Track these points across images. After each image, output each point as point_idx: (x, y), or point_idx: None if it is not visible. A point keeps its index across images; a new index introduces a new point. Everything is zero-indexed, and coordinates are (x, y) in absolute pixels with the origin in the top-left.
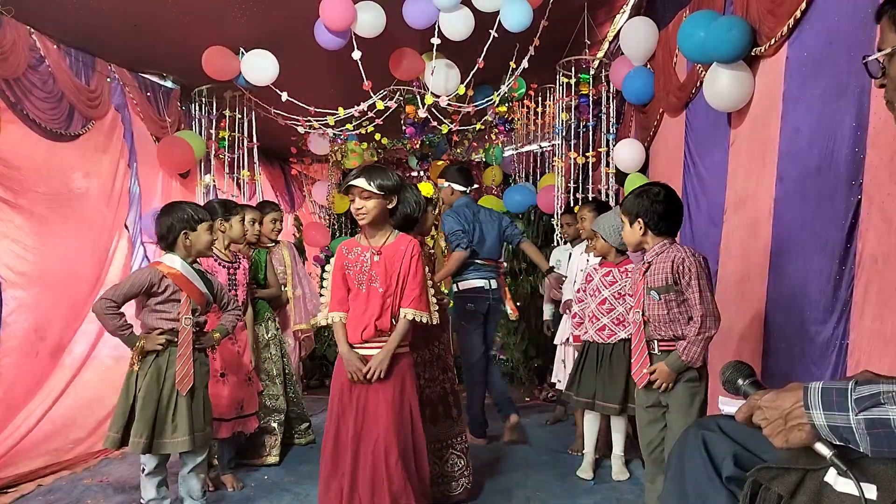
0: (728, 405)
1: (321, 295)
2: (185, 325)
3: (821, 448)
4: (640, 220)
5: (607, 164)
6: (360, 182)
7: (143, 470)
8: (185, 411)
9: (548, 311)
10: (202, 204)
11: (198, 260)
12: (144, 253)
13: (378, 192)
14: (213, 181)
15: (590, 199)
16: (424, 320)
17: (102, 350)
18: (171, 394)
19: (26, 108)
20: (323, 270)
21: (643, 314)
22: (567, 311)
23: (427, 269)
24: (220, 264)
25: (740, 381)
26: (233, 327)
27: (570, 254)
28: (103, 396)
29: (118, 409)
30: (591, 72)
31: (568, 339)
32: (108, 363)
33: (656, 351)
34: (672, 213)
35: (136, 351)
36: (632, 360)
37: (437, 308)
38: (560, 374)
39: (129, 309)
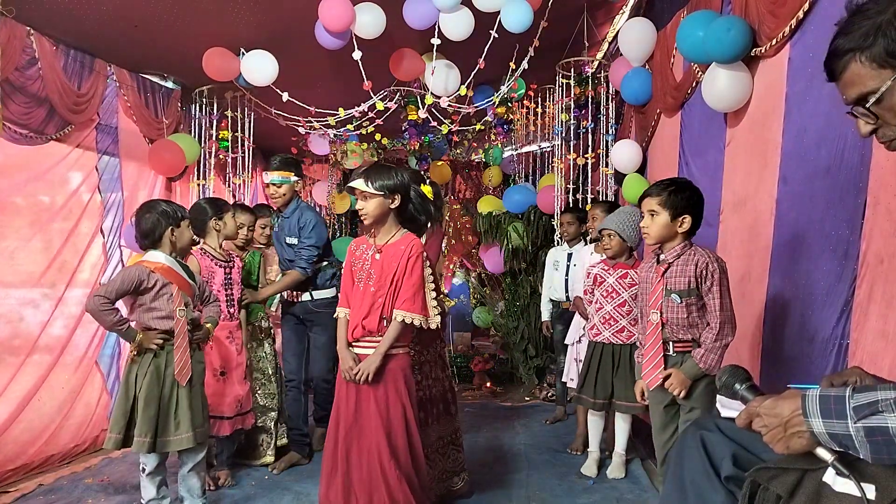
0: (727, 408)
1: None
2: (180, 316)
3: (822, 452)
4: (687, 216)
5: (606, 165)
6: (359, 183)
7: (143, 470)
8: (187, 407)
9: (546, 312)
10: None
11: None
12: (120, 256)
13: (377, 192)
14: (206, 183)
15: (600, 199)
16: (417, 323)
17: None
18: (171, 391)
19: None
20: None
21: (661, 315)
22: (579, 309)
23: (431, 269)
24: (216, 264)
25: (737, 386)
26: (220, 317)
27: (570, 254)
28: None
29: (118, 410)
30: (590, 72)
31: (580, 338)
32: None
33: (671, 352)
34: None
35: (133, 346)
36: (643, 361)
37: (438, 311)
38: (573, 373)
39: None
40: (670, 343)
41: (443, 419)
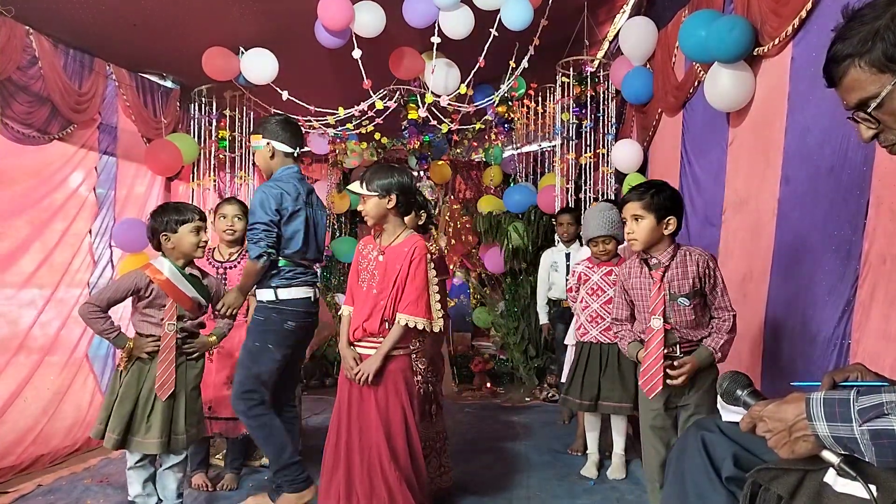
0: (729, 412)
1: None
2: (168, 330)
3: (828, 455)
4: (673, 217)
5: (607, 165)
6: (354, 186)
7: (127, 464)
8: (161, 414)
9: (543, 315)
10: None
11: (193, 262)
12: (110, 257)
13: (372, 192)
14: (199, 182)
15: (601, 199)
16: (420, 326)
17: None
18: (149, 394)
19: (5, 111)
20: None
21: (665, 321)
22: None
23: (434, 272)
24: (210, 264)
25: (739, 392)
26: (228, 330)
27: (568, 254)
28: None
29: (105, 403)
30: (591, 71)
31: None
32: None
33: (678, 353)
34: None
35: (123, 353)
36: (642, 367)
37: (441, 314)
38: None
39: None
40: (677, 346)
41: (441, 416)
